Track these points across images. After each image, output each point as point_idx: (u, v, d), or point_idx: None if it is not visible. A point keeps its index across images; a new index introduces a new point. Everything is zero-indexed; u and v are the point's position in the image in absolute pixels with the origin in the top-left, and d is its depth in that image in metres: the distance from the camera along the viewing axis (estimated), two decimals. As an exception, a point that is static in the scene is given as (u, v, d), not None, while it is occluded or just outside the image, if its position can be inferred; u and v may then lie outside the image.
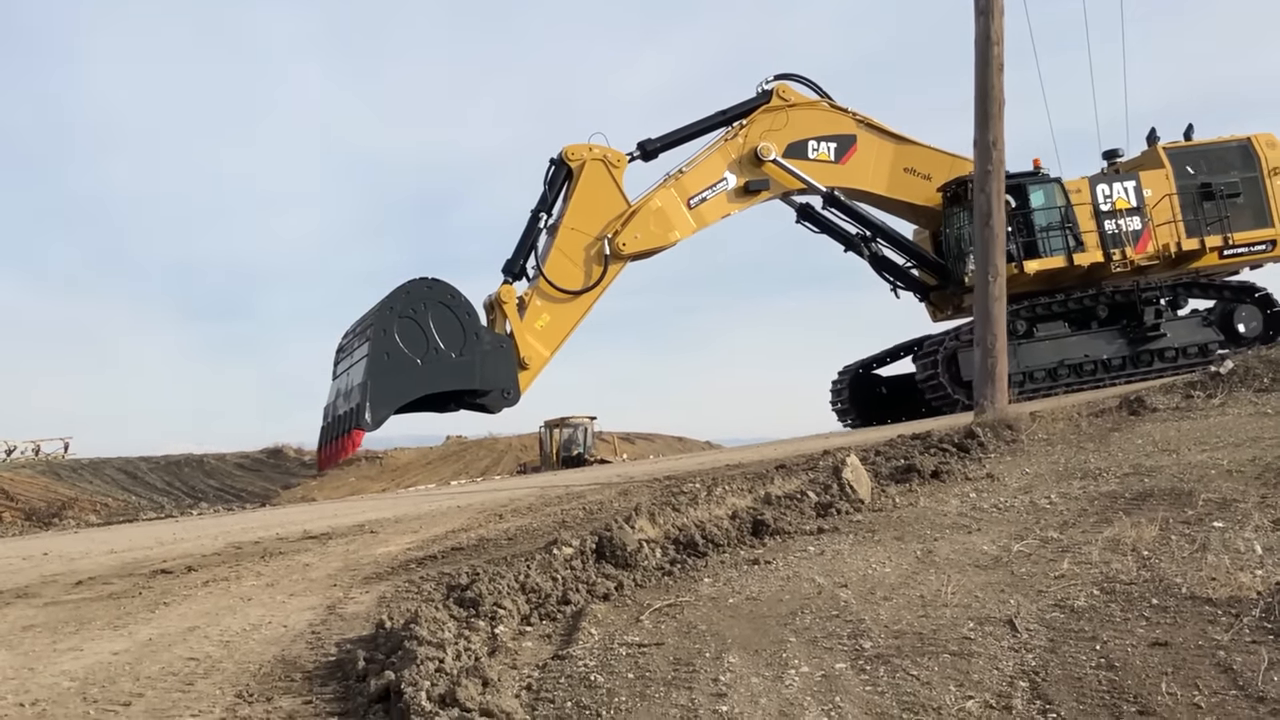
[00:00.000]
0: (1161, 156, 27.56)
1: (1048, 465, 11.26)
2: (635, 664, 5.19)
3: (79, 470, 75.63)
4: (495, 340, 21.60)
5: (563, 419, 48.85)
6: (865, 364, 30.93)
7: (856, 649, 5.19)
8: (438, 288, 20.88)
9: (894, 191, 27.49)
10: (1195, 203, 27.30)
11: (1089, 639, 5.06)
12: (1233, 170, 27.77)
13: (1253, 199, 27.68)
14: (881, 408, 30.41)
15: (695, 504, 9.84)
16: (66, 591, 9.36)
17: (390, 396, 20.22)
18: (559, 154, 23.65)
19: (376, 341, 20.15)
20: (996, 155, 16.79)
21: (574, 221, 23.44)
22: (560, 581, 6.90)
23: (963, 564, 6.86)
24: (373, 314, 21.00)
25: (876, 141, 27.11)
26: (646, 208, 24.06)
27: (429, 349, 20.42)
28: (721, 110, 25.64)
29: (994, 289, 16.53)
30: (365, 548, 10.97)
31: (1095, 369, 26.48)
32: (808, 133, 26.20)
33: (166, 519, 23.80)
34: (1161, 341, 26.96)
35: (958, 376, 25.54)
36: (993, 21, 16.76)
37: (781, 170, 25.67)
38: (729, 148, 25.37)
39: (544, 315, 22.73)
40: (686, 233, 24.68)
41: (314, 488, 69.06)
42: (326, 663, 5.86)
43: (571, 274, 23.20)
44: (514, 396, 21.75)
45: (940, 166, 27.77)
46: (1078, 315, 27.13)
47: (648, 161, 24.84)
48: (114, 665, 6.17)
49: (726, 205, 25.34)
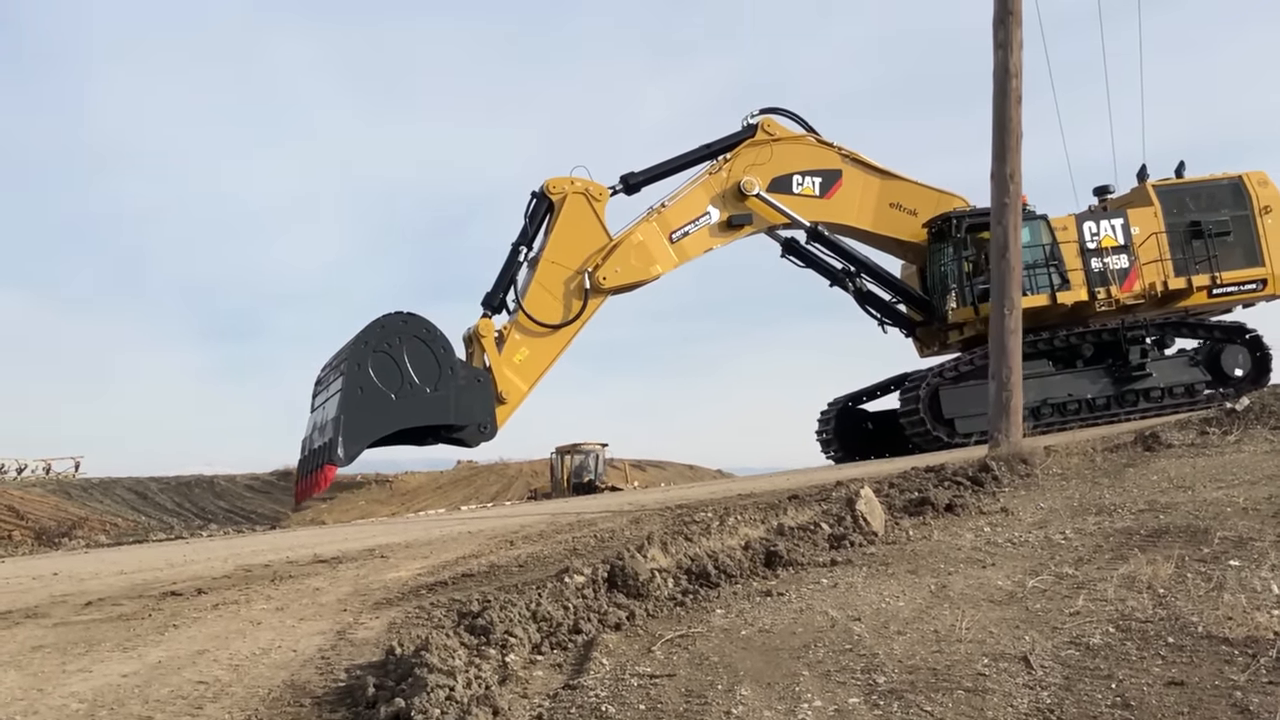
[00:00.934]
0: (1150, 194, 27.62)
1: (1062, 500, 11.21)
2: (647, 695, 5.16)
3: (89, 490, 75.81)
4: (471, 374, 21.53)
5: (574, 445, 48.90)
6: (853, 398, 30.90)
7: (870, 684, 5.16)
8: (413, 322, 20.77)
9: (880, 227, 27.52)
10: (1184, 241, 27.33)
11: (1104, 677, 5.02)
12: (1223, 208, 27.80)
13: (1243, 237, 27.70)
14: (867, 442, 30.39)
15: (708, 533, 9.80)
16: (76, 612, 9.35)
17: (363, 431, 20.12)
18: (540, 187, 23.63)
19: (350, 376, 20.07)
20: (1014, 188, 16.78)
21: (554, 255, 23.43)
22: (572, 610, 6.87)
23: (977, 599, 6.82)
24: (347, 348, 20.90)
25: (862, 176, 27.16)
26: (628, 241, 24.06)
27: (403, 384, 20.33)
28: (706, 144, 25.71)
29: (1009, 322, 16.51)
30: (375, 572, 10.94)
31: (1079, 408, 26.46)
32: (792, 167, 26.28)
33: (176, 540, 23.86)
34: (1147, 381, 26.98)
35: (939, 413, 25.53)
36: (1011, 55, 16.77)
37: (765, 205, 25.74)
38: (712, 182, 25.43)
39: (523, 349, 22.69)
40: (668, 267, 24.66)
41: (324, 510, 69.10)
42: (336, 688, 5.83)
43: (551, 308, 23.16)
44: (491, 431, 21.73)
45: (926, 202, 27.88)
46: (1062, 354, 27.11)
47: (630, 195, 24.88)
48: (123, 688, 6.15)
49: (709, 240, 25.37)
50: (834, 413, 30.58)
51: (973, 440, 24.98)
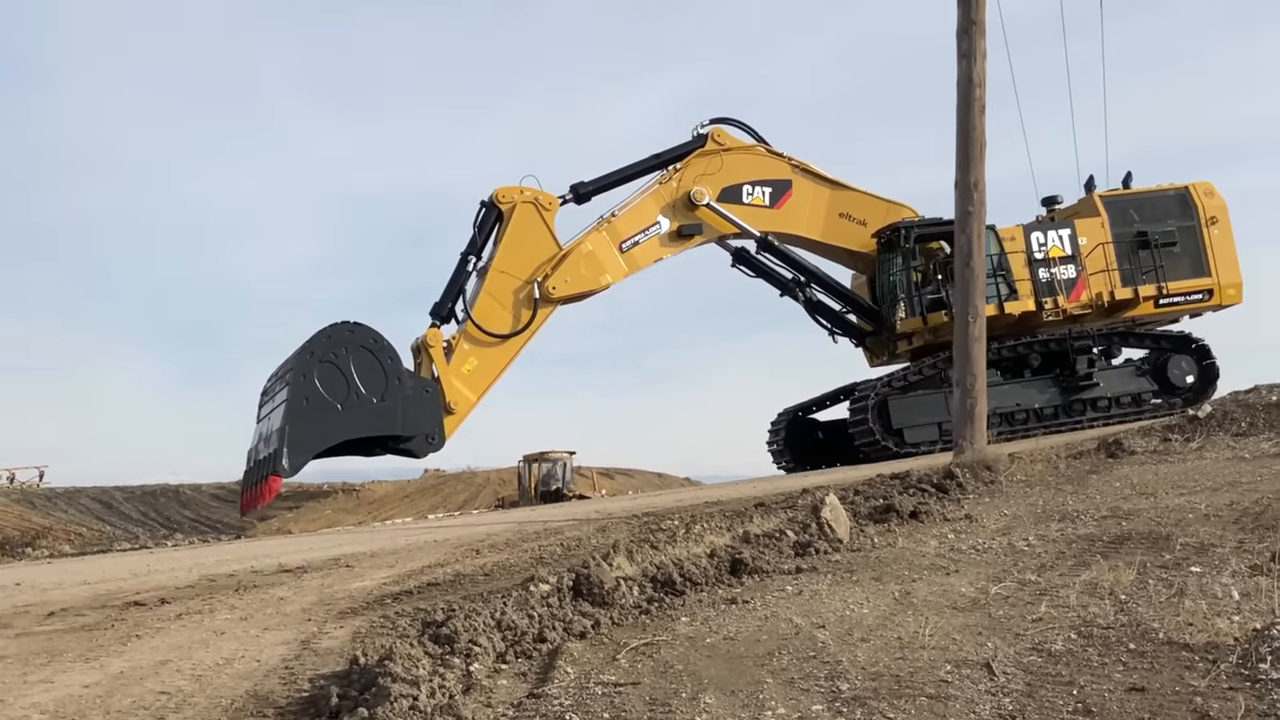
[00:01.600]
0: (1098, 204, 27.72)
1: (1026, 507, 11.27)
2: (611, 704, 5.16)
3: (54, 499, 75.40)
4: (419, 385, 21.30)
5: (542, 454, 48.83)
6: (802, 408, 30.86)
7: (833, 690, 5.17)
8: (360, 331, 20.46)
9: (829, 237, 27.50)
10: (1131, 251, 27.43)
11: (1066, 683, 5.04)
12: (1170, 219, 27.91)
13: (1190, 248, 27.86)
14: (818, 452, 30.31)
15: (674, 542, 9.82)
16: (39, 622, 9.29)
17: (309, 442, 19.85)
18: (489, 196, 23.46)
19: (296, 386, 19.80)
20: (978, 196, 16.87)
21: (503, 264, 23.24)
22: (536, 619, 6.86)
23: (940, 606, 6.85)
24: (293, 358, 20.58)
25: (812, 186, 27.16)
26: (578, 251, 23.89)
27: (350, 394, 20.04)
28: (656, 154, 25.58)
29: (974, 329, 16.59)
30: (340, 582, 10.91)
31: (1027, 418, 26.49)
32: (742, 177, 26.23)
33: (141, 550, 23.68)
34: (1094, 391, 27.16)
35: (888, 423, 25.57)
36: (975, 65, 16.86)
37: (715, 215, 25.63)
38: (662, 191, 25.31)
39: (471, 359, 22.50)
40: (618, 276, 24.52)
41: (290, 520, 68.91)
42: (299, 698, 5.81)
43: (500, 317, 22.97)
44: (438, 441, 21.47)
45: (876, 212, 27.89)
46: (1010, 364, 27.21)
47: (580, 204, 24.67)
48: (85, 698, 6.12)
49: (659, 249, 25.24)
50: (784, 423, 30.51)
51: (920, 450, 25.04)
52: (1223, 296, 28.00)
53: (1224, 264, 27.96)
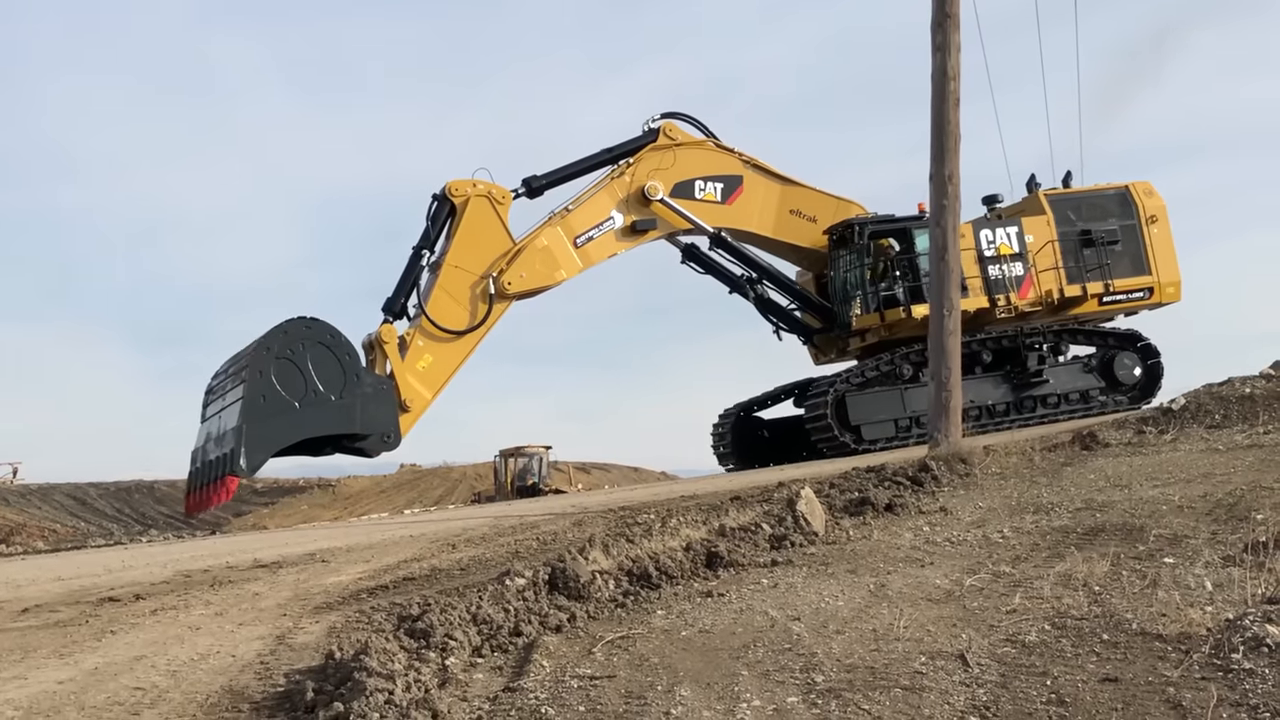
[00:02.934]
0: (1043, 203, 27.70)
1: (1000, 499, 11.31)
2: (587, 697, 5.16)
3: (27, 495, 74.88)
4: (376, 382, 20.91)
5: (518, 448, 48.76)
6: (746, 407, 30.60)
7: (808, 683, 5.18)
8: (317, 327, 20.08)
9: (780, 233, 27.35)
10: (1076, 249, 27.50)
11: (1040, 674, 5.07)
12: (1111, 218, 27.97)
13: (1131, 246, 27.93)
14: (763, 451, 30.03)
15: (649, 535, 9.83)
16: (12, 619, 9.25)
17: (266, 441, 19.47)
18: (442, 189, 23.15)
19: (252, 384, 19.32)
20: (952, 190, 16.91)
21: (457, 259, 22.90)
22: (512, 613, 6.87)
23: (915, 598, 6.87)
24: (248, 355, 20.11)
25: (763, 182, 27.00)
26: (532, 246, 23.64)
27: (307, 391, 19.64)
28: (608, 148, 25.30)
29: (949, 323, 16.64)
30: (316, 577, 10.89)
31: (980, 415, 26.28)
32: (694, 172, 26.02)
33: (115, 546, 23.56)
34: (1045, 388, 27.16)
35: (846, 420, 25.51)
36: (949, 58, 16.90)
37: (669, 210, 25.44)
38: (616, 186, 25.07)
39: (426, 356, 22.15)
40: (573, 272, 24.30)
41: (266, 515, 68.64)
42: (275, 693, 5.80)
43: (455, 313, 22.63)
44: (394, 440, 21.12)
45: (825, 209, 27.74)
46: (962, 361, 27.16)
47: (533, 198, 24.40)
48: (59, 694, 6.09)
49: (614, 244, 25.01)
50: (729, 421, 30.28)
51: (877, 446, 25.04)
52: (1162, 295, 28.19)
53: (1163, 262, 28.14)
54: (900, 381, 26.03)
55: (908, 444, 24.78)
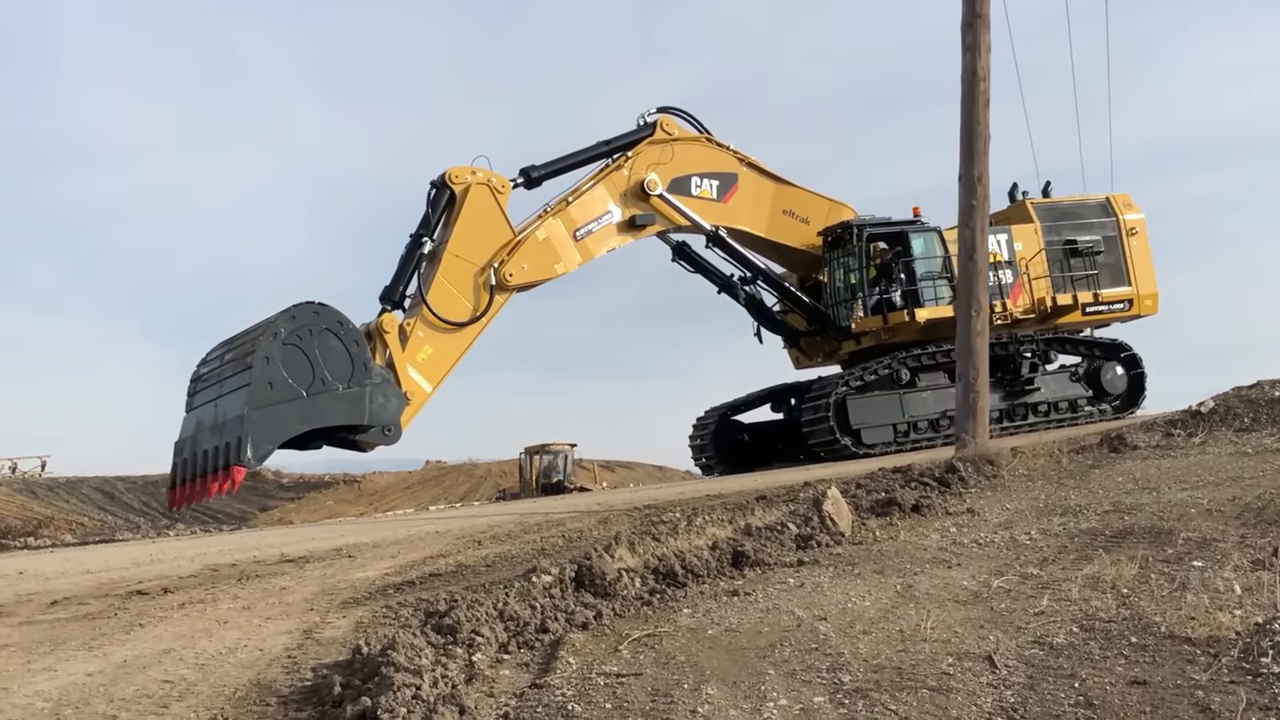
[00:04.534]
0: (1030, 211, 27.73)
1: (1028, 501, 11.27)
2: (613, 694, 5.17)
3: (55, 489, 75.31)
4: (383, 373, 20.21)
5: (543, 446, 48.77)
6: (725, 411, 30.24)
7: (835, 683, 5.18)
8: (325, 313, 19.25)
9: (773, 233, 27.08)
10: (1063, 258, 27.55)
11: (1068, 676, 5.06)
12: (1094, 228, 28.09)
13: (1111, 257, 28.02)
14: (744, 455, 29.85)
15: (675, 534, 9.81)
16: (41, 611, 9.30)
17: (273, 431, 18.55)
18: (441, 176, 22.62)
19: (259, 370, 18.37)
20: (981, 190, 16.87)
21: (458, 248, 22.32)
22: (539, 610, 6.87)
23: (942, 599, 6.85)
24: (252, 339, 19.21)
25: (757, 181, 26.72)
26: (533, 238, 23.27)
27: (315, 380, 18.79)
28: (604, 140, 24.86)
29: (976, 324, 16.60)
30: (342, 572, 10.92)
31: None
32: (691, 169, 25.66)
33: (143, 539, 23.68)
34: (1035, 395, 27.09)
35: (846, 423, 25.28)
36: (979, 58, 16.85)
37: (667, 205, 25.15)
38: (615, 179, 24.70)
39: (426, 347, 21.54)
40: (572, 265, 23.94)
41: (291, 510, 68.88)
42: (302, 688, 5.82)
43: (456, 304, 22.09)
44: (395, 434, 20.36)
45: (818, 210, 27.52)
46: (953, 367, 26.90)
47: (530, 189, 23.90)
48: (88, 686, 6.13)
49: (613, 238, 24.66)
50: (711, 424, 29.93)
51: (876, 451, 24.90)
52: (1141, 307, 28.31)
53: (1142, 274, 28.27)
54: (898, 386, 25.95)
55: (904, 449, 24.81)
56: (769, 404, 30.20)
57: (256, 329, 19.33)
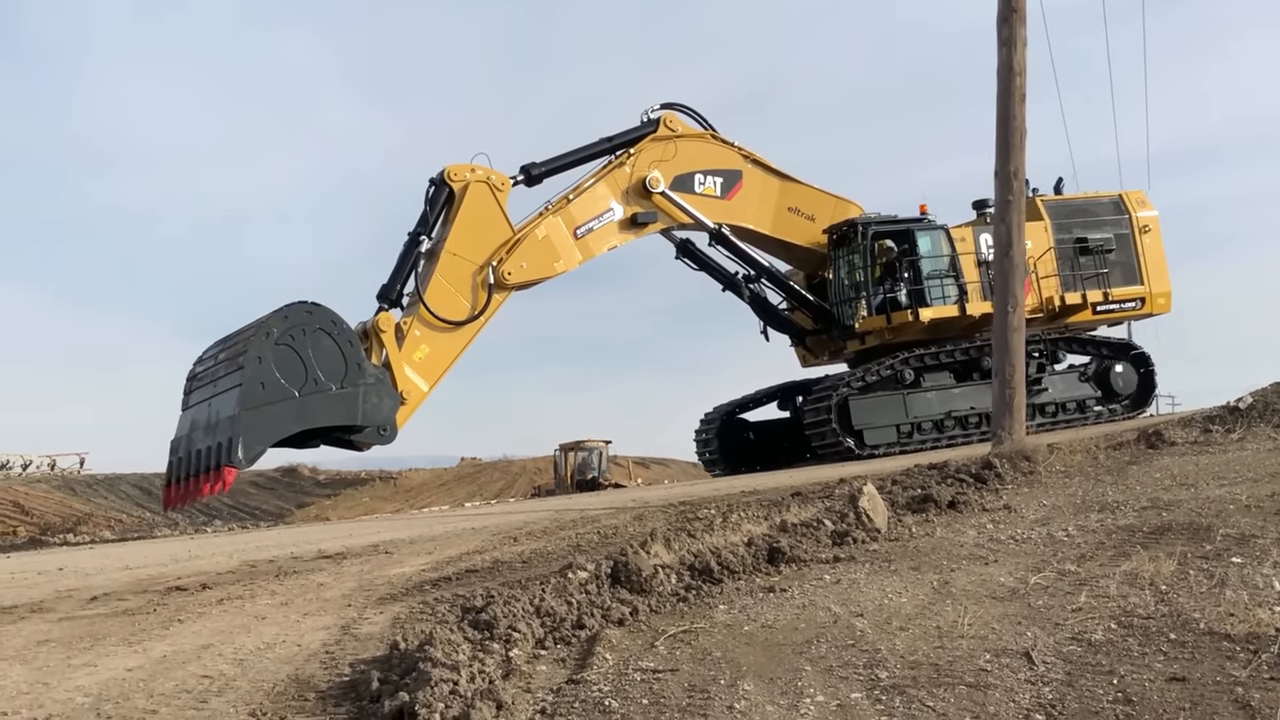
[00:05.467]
0: (1040, 208, 27.21)
1: (1065, 497, 11.21)
2: (650, 690, 5.18)
3: (94, 486, 75.80)
4: (378, 372, 20.16)
5: (578, 442, 48.77)
6: (731, 409, 30.05)
7: (872, 679, 5.18)
8: (318, 313, 19.23)
9: (777, 231, 26.87)
10: (1073, 256, 27.19)
11: (1106, 673, 5.04)
12: (1106, 226, 27.71)
13: (1123, 256, 27.68)
14: (749, 454, 29.77)
15: (711, 530, 9.81)
16: (81, 607, 9.36)
17: (265, 431, 18.57)
18: (440, 174, 22.48)
19: (251, 370, 18.38)
20: (1017, 185, 16.79)
21: (456, 246, 22.21)
22: (575, 605, 6.89)
23: (979, 595, 6.84)
24: (245, 340, 19.17)
25: (762, 178, 26.52)
26: (533, 236, 23.11)
27: (308, 380, 18.77)
28: (607, 137, 24.73)
29: (1013, 319, 16.51)
30: (380, 568, 10.95)
31: (980, 421, 25.75)
32: (695, 165, 25.45)
33: (181, 536, 23.81)
34: (1043, 396, 26.71)
35: (848, 423, 25.07)
36: (1015, 52, 16.77)
37: (670, 203, 24.99)
38: (617, 177, 24.53)
39: (424, 346, 21.46)
40: (572, 264, 23.82)
41: (328, 507, 69.16)
42: (340, 683, 5.85)
43: (453, 302, 21.97)
44: (390, 434, 20.41)
45: (824, 208, 27.33)
46: (962, 367, 26.76)
47: (531, 186, 23.81)
48: (128, 682, 6.17)
49: (614, 236, 24.55)
50: (716, 422, 29.70)
51: (878, 453, 24.71)
52: (1153, 306, 28.01)
53: (1155, 273, 27.91)
54: (902, 386, 25.74)
55: (908, 450, 24.61)
56: (775, 402, 30.06)
57: (249, 328, 19.31)
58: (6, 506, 60.80)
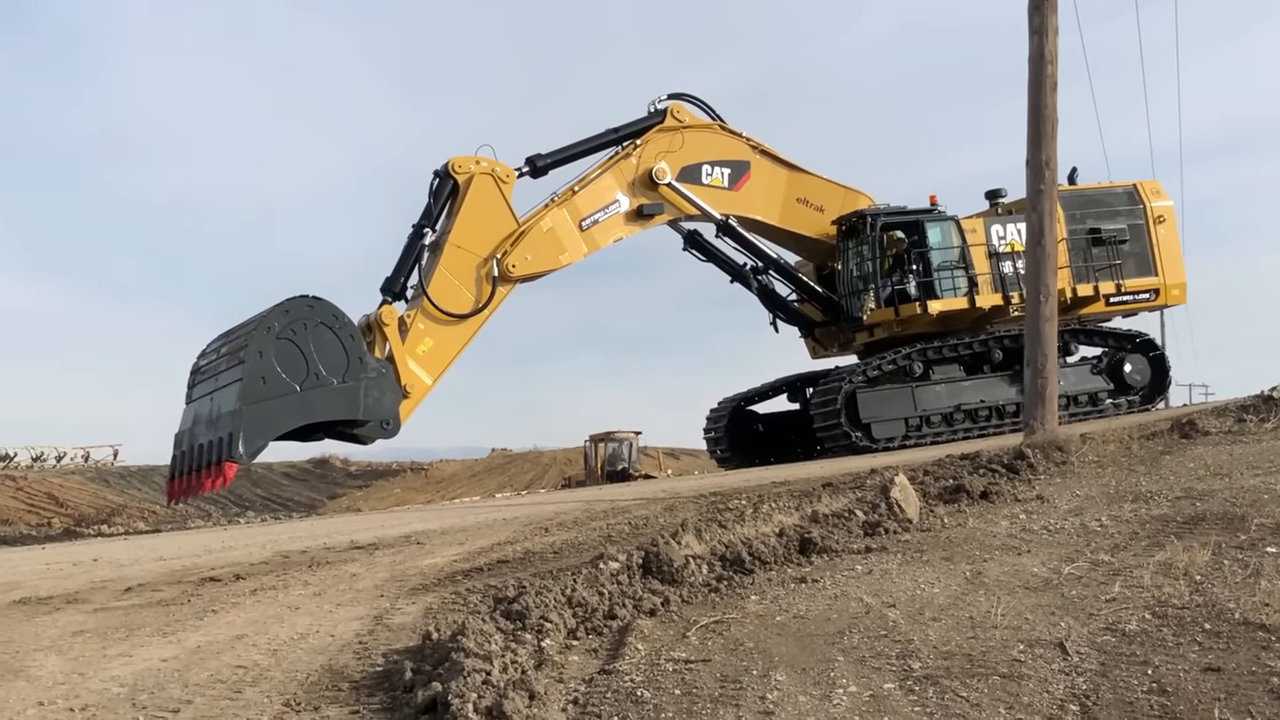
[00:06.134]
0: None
1: (1098, 487, 11.16)
2: (682, 680, 5.18)
3: (128, 477, 76.32)
4: (379, 366, 20.10)
5: (608, 434, 48.80)
6: (739, 401, 29.84)
7: (905, 669, 5.17)
8: (319, 307, 19.24)
9: (786, 222, 26.61)
10: (1086, 247, 26.92)
11: (1140, 663, 5.02)
12: (1120, 217, 27.37)
13: (1137, 247, 27.35)
14: (758, 446, 29.50)
15: (742, 521, 9.81)
16: (116, 598, 9.42)
17: (266, 426, 18.57)
18: (444, 166, 22.25)
19: (251, 365, 18.41)
20: (1049, 175, 16.70)
21: (460, 239, 22.03)
22: (606, 596, 6.89)
23: (1012, 585, 6.81)
24: (246, 334, 19.16)
25: (770, 169, 26.24)
26: (537, 229, 22.89)
27: (309, 374, 18.75)
28: (613, 128, 24.48)
29: (1045, 309, 16.43)
30: (411, 559, 10.99)
31: (990, 415, 25.79)
32: (702, 156, 25.22)
33: (215, 527, 23.93)
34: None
35: (855, 417, 24.83)
36: (1046, 41, 16.67)
37: (676, 194, 24.73)
38: (623, 168, 24.27)
39: (427, 339, 21.33)
40: (576, 256, 23.60)
41: (359, 498, 69.45)
42: (373, 673, 5.88)
43: (457, 295, 21.81)
44: (393, 428, 20.33)
45: (833, 198, 27.03)
46: (971, 359, 26.52)
47: (536, 178, 23.57)
48: (163, 672, 6.21)
49: (619, 228, 24.29)
50: (725, 414, 29.51)
51: (894, 445, 24.56)
52: (1168, 297, 27.78)
53: (1170, 264, 27.62)
54: (911, 379, 25.55)
55: (921, 443, 24.48)
56: (785, 394, 29.81)
57: (251, 322, 19.30)
58: (41, 498, 61.21)
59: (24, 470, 73.58)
